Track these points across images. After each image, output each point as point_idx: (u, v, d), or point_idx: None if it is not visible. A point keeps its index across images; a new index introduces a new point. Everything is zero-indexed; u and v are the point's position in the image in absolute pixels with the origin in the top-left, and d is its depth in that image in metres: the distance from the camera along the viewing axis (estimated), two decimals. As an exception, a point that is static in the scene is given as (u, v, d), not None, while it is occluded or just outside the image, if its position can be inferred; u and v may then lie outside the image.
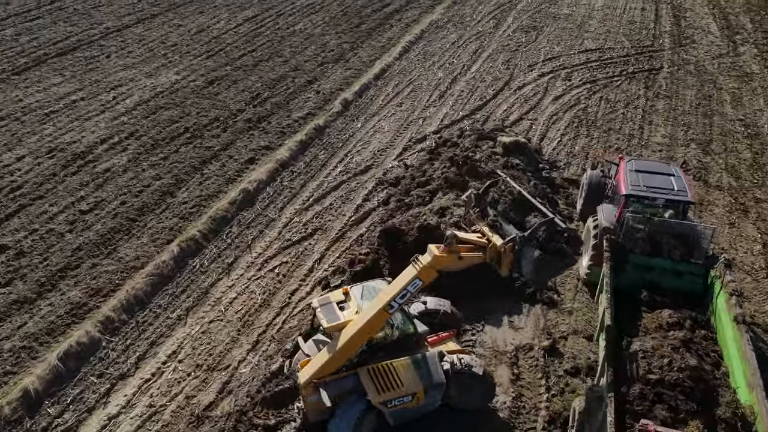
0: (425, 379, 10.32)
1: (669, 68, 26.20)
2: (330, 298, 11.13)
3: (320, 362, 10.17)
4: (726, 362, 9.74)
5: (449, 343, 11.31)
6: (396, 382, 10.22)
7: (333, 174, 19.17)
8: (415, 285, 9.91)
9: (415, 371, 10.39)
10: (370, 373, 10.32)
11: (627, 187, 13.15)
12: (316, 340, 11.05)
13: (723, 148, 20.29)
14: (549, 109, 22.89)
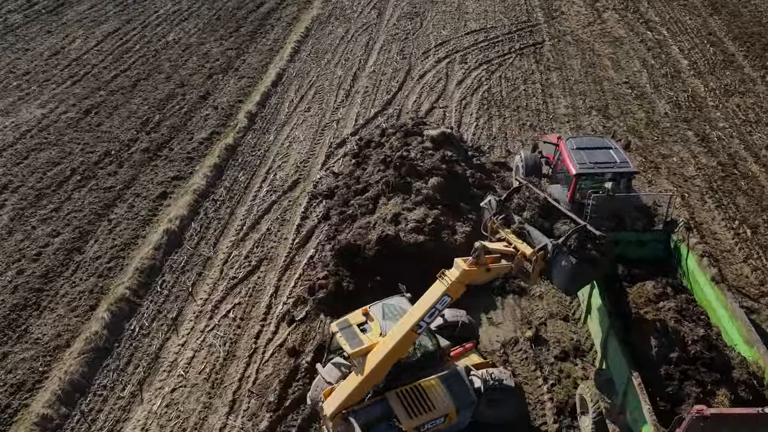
0: (456, 398, 9.89)
1: (550, 41, 27.62)
2: (349, 320, 10.31)
3: (347, 390, 9.45)
4: (714, 322, 10.32)
5: (472, 356, 10.94)
6: (427, 404, 9.73)
7: (260, 195, 17.74)
8: (444, 302, 9.45)
9: (445, 391, 9.93)
10: (399, 397, 9.77)
11: (576, 167, 13.49)
12: (336, 364, 10.40)
13: (619, 112, 21.80)
14: (456, 95, 23.08)
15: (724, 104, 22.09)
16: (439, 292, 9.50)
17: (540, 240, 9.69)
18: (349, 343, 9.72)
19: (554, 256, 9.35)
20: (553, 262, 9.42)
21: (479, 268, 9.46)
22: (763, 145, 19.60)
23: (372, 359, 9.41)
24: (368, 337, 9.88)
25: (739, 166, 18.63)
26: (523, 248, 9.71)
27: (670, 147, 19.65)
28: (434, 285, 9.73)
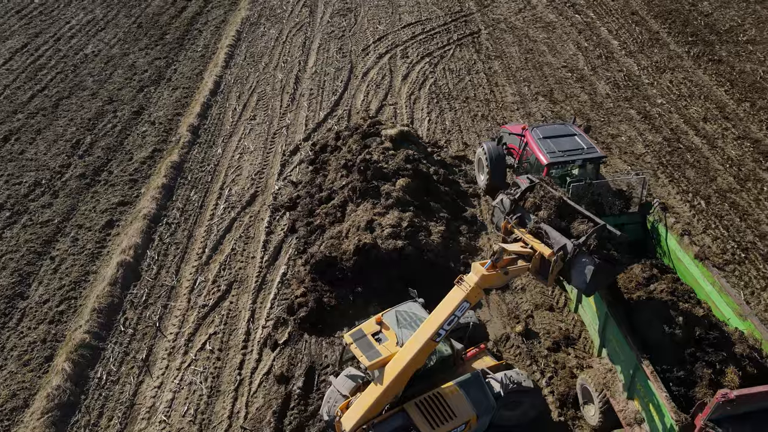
0: (476, 404, 9.65)
1: (486, 30, 27.85)
2: (363, 330, 9.88)
3: (366, 404, 9.03)
4: (703, 299, 10.59)
5: (485, 358, 10.69)
6: (447, 412, 9.45)
7: (218, 213, 16.69)
8: (463, 308, 9.19)
9: (464, 397, 9.68)
10: (419, 407, 9.45)
11: (547, 156, 13.50)
12: (349, 376, 10.07)
13: (564, 96, 22.26)
14: (403, 91, 22.76)
15: (658, 81, 23.05)
16: (459, 298, 9.23)
17: (558, 240, 9.47)
18: (366, 355, 9.36)
19: (574, 257, 9.18)
20: (572, 263, 9.24)
21: (499, 272, 9.25)
22: (700, 118, 20.59)
23: (391, 370, 9.09)
24: (385, 347, 9.52)
25: (683, 140, 19.47)
26: (542, 249, 9.50)
27: (617, 127, 20.25)
28: (452, 291, 9.45)
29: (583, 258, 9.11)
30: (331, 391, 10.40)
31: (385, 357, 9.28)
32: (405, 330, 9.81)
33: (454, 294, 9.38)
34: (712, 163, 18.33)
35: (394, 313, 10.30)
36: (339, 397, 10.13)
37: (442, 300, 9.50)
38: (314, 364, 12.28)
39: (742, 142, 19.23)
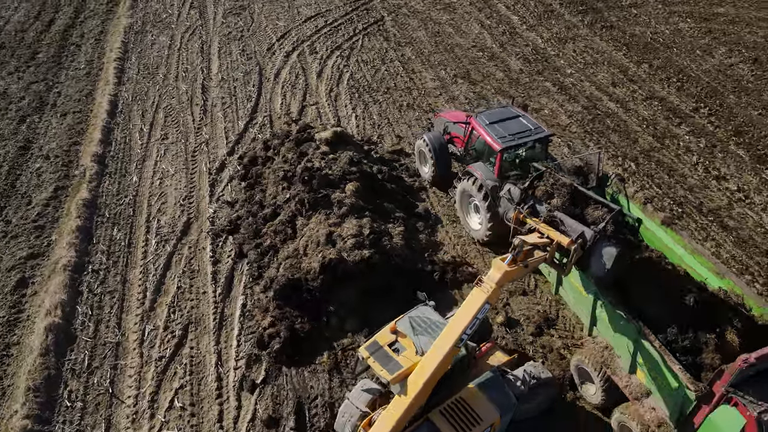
0: (498, 404, 9.38)
1: (389, 16, 27.42)
2: (378, 341, 9.35)
3: (393, 418, 8.54)
4: (677, 263, 10.97)
5: (497, 354, 10.38)
6: (473, 417, 9.15)
7: (150, 250, 14.97)
8: (485, 310, 8.84)
9: (487, 399, 9.40)
10: (444, 415, 9.10)
11: (500, 142, 13.36)
12: (365, 390, 9.69)
13: (481, 76, 22.44)
14: (321, 89, 21.80)
15: (563, 52, 23.93)
16: (480, 300, 8.84)
17: (575, 228, 9.27)
18: (386, 368, 8.90)
19: (594, 244, 8.93)
20: (591, 250, 9.03)
21: (520, 266, 9.00)
22: (608, 83, 21.62)
23: (415, 381, 8.66)
24: (404, 357, 9.10)
25: (599, 106, 20.35)
26: (560, 238, 9.28)
27: (537, 101, 20.74)
28: (473, 294, 9.03)
29: (602, 244, 8.97)
30: (347, 406, 9.89)
31: (407, 368, 8.90)
32: (422, 337, 9.43)
33: (475, 296, 8.98)
34: (631, 125, 19.32)
35: (408, 319, 9.85)
36: (355, 411, 9.67)
37: (463, 304, 9.11)
38: (301, 398, 11.37)
39: (651, 102, 20.45)
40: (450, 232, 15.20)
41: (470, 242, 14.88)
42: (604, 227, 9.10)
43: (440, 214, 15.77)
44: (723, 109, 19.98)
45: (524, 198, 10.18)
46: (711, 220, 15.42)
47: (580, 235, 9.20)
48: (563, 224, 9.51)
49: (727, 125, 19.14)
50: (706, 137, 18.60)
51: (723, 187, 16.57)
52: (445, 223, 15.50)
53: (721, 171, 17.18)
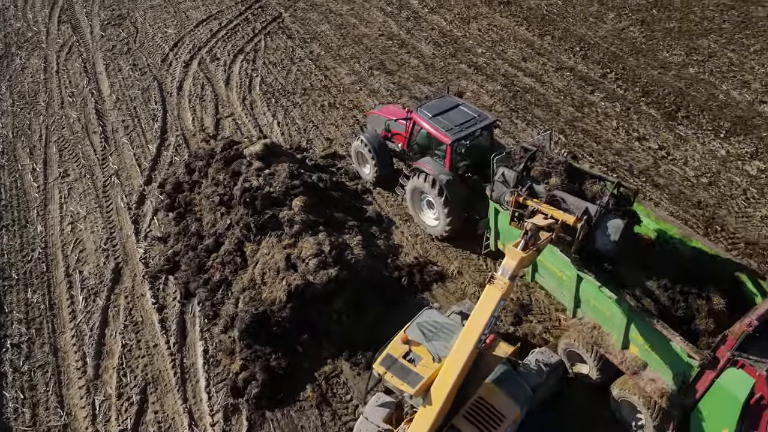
0: (516, 398, 9.25)
1: (286, 12, 26.13)
2: (392, 354, 9.00)
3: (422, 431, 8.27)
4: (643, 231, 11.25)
5: (500, 345, 10.04)
6: (496, 416, 9.01)
7: (79, 308, 13.13)
8: (501, 306, 8.58)
9: (505, 394, 9.28)
10: (468, 419, 8.90)
11: (449, 135, 12.99)
12: (380, 405, 9.40)
13: (396, 65, 21.99)
14: (233, 97, 20.31)
15: (469, 32, 24.08)
16: (496, 297, 8.51)
17: (577, 204, 9.25)
18: (407, 382, 8.63)
19: (600, 218, 9.02)
20: (597, 225, 9.10)
21: (533, 250, 8.83)
22: (519, 59, 22.04)
23: (439, 389, 8.41)
24: (422, 366, 8.85)
25: (516, 83, 20.68)
26: (565, 217, 9.21)
27: (457, 84, 20.69)
28: (487, 292, 8.66)
29: (607, 218, 9.06)
30: (364, 424, 9.44)
31: (428, 378, 8.63)
32: (436, 342, 9.16)
33: (489, 294, 8.63)
34: (549, 98, 19.81)
35: (416, 326, 9.52)
36: (372, 427, 9.29)
37: (477, 303, 8.74)
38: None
39: (562, 73, 21.11)
40: (405, 232, 14.73)
41: (428, 239, 14.50)
42: (608, 200, 9.18)
43: (391, 214, 15.23)
44: (627, 72, 21.06)
45: (520, 180, 10.06)
46: (643, 180, 16.17)
47: (585, 211, 9.24)
48: (565, 202, 9.51)
49: (634, 87, 20.19)
50: (619, 101, 19.49)
51: (646, 147, 17.45)
52: (398, 223, 14.99)
53: (640, 132, 18.08)
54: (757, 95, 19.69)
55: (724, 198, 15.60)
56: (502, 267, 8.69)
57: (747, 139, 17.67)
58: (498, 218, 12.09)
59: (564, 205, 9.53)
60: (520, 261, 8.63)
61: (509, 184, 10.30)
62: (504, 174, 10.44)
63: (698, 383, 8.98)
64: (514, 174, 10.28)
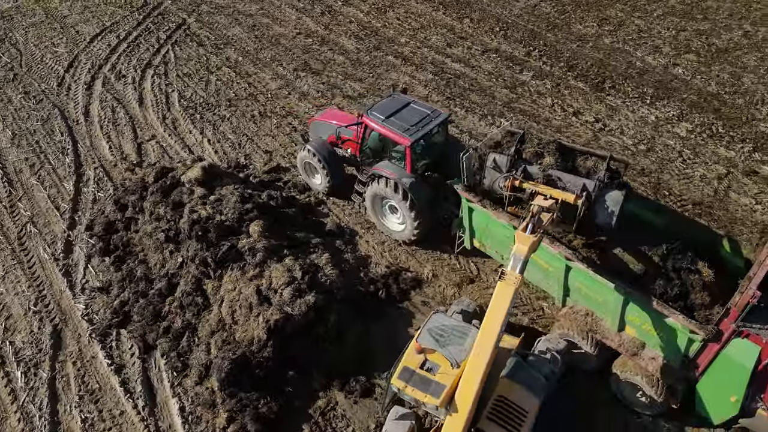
0: (534, 389, 9.18)
1: (191, 17, 24.25)
2: (408, 367, 8.73)
3: None
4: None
5: (505, 338, 10.01)
6: (519, 412, 8.90)
7: (18, 386, 11.40)
8: (514, 301, 8.46)
9: (522, 388, 9.16)
10: (493, 420, 8.75)
11: (407, 137, 12.41)
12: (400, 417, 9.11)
13: (321, 64, 21.03)
14: (151, 118, 18.55)
15: (388, 22, 23.53)
16: (509, 293, 8.43)
17: (574, 182, 9.42)
18: (429, 393, 8.44)
19: (598, 193, 9.22)
20: (596, 200, 9.25)
21: (540, 233, 8.87)
22: (444, 45, 21.81)
23: (464, 395, 8.25)
24: (442, 374, 8.63)
25: (447, 70, 20.44)
26: (565, 195, 9.35)
27: (389, 77, 20.13)
28: (499, 289, 8.54)
29: (606, 192, 9.25)
30: None
31: (451, 386, 8.45)
32: (450, 347, 8.90)
33: (502, 291, 8.50)
34: (482, 81, 19.77)
35: (427, 333, 9.18)
36: None
37: (491, 302, 8.55)
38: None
39: (489, 55, 21.14)
40: (370, 241, 14.09)
41: (395, 245, 13.96)
42: (604, 174, 9.32)
43: (351, 224, 14.52)
44: (549, 48, 21.47)
45: (513, 164, 10.00)
46: (589, 155, 16.51)
47: (583, 187, 9.36)
48: (561, 181, 9.57)
49: (559, 63, 20.61)
50: (548, 78, 19.81)
51: (583, 121, 17.84)
52: (361, 233, 14.32)
53: (574, 106, 18.47)
54: (669, 59, 20.75)
55: (664, 162, 16.27)
56: (512, 256, 8.66)
57: (671, 103, 18.55)
58: (473, 216, 11.76)
59: (561, 184, 9.61)
60: (531, 245, 8.66)
61: (502, 169, 10.18)
62: (495, 160, 10.34)
63: (700, 357, 9.16)
64: (506, 158, 10.22)
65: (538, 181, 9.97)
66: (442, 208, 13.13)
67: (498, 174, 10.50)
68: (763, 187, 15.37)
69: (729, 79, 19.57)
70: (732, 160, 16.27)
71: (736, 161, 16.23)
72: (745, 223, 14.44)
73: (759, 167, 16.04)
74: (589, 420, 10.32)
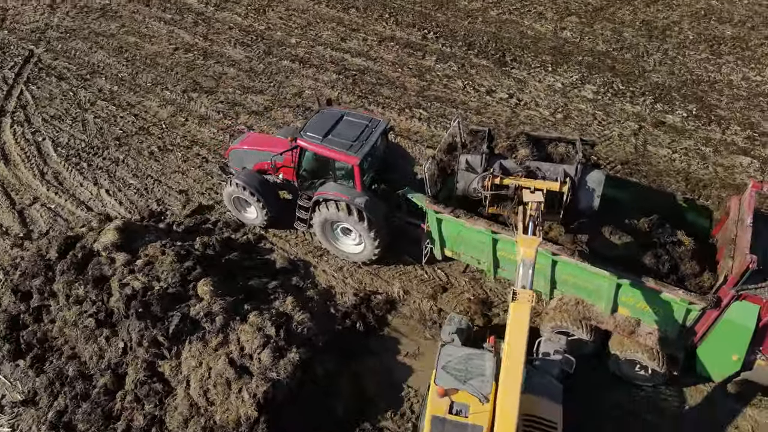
0: (554, 397, 9.04)
1: (39, 48, 20.81)
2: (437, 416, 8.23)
3: None
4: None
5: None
6: (550, 425, 8.72)
7: None
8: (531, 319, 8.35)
9: (544, 399, 8.98)
10: None
11: (353, 155, 11.41)
12: None
13: (212, 80, 18.92)
14: (27, 177, 15.67)
15: (271, 23, 21.91)
16: (527, 311, 8.13)
17: (554, 170, 9.39)
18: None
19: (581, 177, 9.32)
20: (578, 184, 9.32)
21: (541, 232, 8.85)
22: (339, 40, 20.73)
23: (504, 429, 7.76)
24: (475, 414, 8.22)
25: (349, 66, 19.41)
26: (549, 185, 9.27)
27: (291, 84, 18.71)
28: (515, 310, 8.18)
29: (585, 174, 9.33)
30: None
31: (488, 425, 8.09)
32: (473, 381, 8.49)
33: (519, 311, 8.17)
34: (387, 73, 19.06)
35: (443, 372, 8.72)
36: None
37: (509, 326, 8.18)
38: None
39: (386, 44, 20.43)
40: (328, 269, 13.03)
41: (355, 268, 13.04)
42: (582, 156, 9.38)
43: (301, 255, 13.33)
44: (442, 28, 21.22)
45: (489, 161, 9.74)
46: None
47: (564, 173, 9.30)
48: (541, 171, 9.46)
49: (457, 42, 20.44)
50: (451, 60, 19.57)
51: (498, 99, 17.86)
52: (314, 262, 13.19)
53: (485, 85, 18.43)
54: (555, 23, 21.43)
55: (583, 127, 16.76)
56: (521, 264, 8.43)
57: (570, 67, 19.16)
58: (442, 226, 11.16)
59: (541, 174, 9.49)
60: (536, 245, 8.55)
61: (476, 169, 9.82)
62: (468, 161, 9.96)
63: (698, 324, 9.40)
64: (479, 157, 9.88)
65: (519, 175, 9.68)
66: (396, 217, 12.43)
67: (473, 175, 10.00)
68: (674, 136, 16.39)
69: (612, 36, 20.63)
70: (640, 115, 17.16)
71: (644, 115, 17.14)
72: (669, 173, 15.31)
73: (664, 117, 17.08)
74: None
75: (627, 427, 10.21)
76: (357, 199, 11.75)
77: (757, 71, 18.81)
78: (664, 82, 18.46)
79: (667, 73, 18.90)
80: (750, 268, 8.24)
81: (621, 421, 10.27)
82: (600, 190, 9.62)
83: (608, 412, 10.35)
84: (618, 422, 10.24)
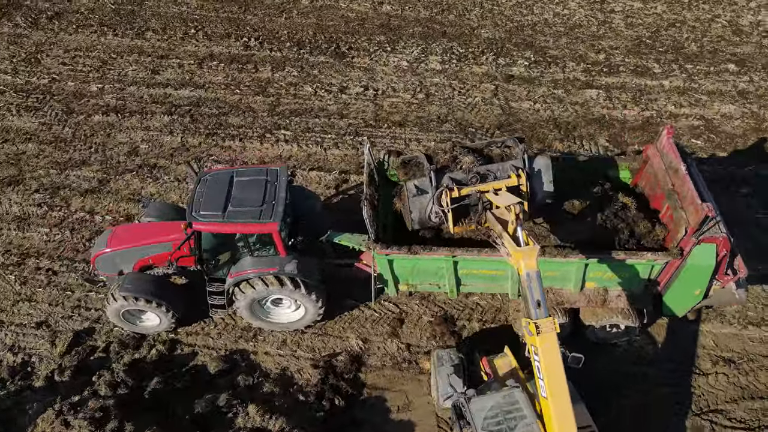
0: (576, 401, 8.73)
1: None
2: None
3: None
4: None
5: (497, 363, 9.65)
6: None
7: None
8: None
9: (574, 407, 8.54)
10: None
11: (268, 222, 9.64)
12: None
13: (14, 167, 14.73)
14: None
15: (54, 72, 17.81)
16: (554, 340, 7.86)
17: (503, 168, 9.42)
18: None
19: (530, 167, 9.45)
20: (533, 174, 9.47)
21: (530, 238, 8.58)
22: (148, 72, 17.63)
23: None
24: None
25: (176, 102, 16.64)
26: (509, 182, 9.30)
27: (120, 141, 15.50)
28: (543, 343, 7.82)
29: (533, 162, 9.47)
30: None
31: None
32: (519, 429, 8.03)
33: (546, 342, 7.85)
34: (228, 99, 16.74)
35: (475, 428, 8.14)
36: None
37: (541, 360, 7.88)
38: None
39: (210, 65, 17.91)
40: (270, 350, 11.29)
41: (299, 335, 11.46)
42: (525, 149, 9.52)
43: (231, 345, 11.34)
44: (260, 31, 19.24)
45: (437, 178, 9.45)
46: (387, 128, 15.78)
47: (514, 169, 9.38)
48: (491, 173, 9.46)
49: (283, 43, 18.70)
50: (287, 64, 17.89)
51: (354, 96, 16.81)
52: (249, 347, 11.31)
53: (334, 84, 17.21)
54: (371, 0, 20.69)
55: (448, 102, 16.60)
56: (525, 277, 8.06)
57: (407, 42, 18.77)
58: (393, 266, 10.11)
59: (492, 175, 9.45)
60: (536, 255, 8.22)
61: (428, 190, 9.48)
62: (416, 186, 9.54)
63: (660, 275, 9.86)
64: (427, 178, 9.51)
65: (474, 181, 9.37)
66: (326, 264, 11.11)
67: (426, 198, 9.48)
68: (527, 87, 17.03)
69: (429, 0, 20.60)
70: (489, 74, 17.50)
71: (493, 73, 17.52)
72: (540, 124, 15.93)
73: (510, 70, 17.64)
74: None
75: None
76: (287, 266, 10.13)
77: (562, 5, 20.30)
78: (494, 36, 19.01)
79: (492, 25, 19.50)
80: (710, 216, 8.66)
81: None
82: (550, 174, 9.65)
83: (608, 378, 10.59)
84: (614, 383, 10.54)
